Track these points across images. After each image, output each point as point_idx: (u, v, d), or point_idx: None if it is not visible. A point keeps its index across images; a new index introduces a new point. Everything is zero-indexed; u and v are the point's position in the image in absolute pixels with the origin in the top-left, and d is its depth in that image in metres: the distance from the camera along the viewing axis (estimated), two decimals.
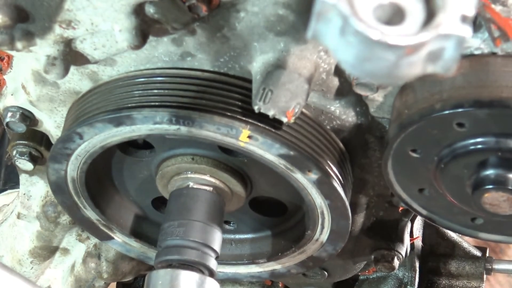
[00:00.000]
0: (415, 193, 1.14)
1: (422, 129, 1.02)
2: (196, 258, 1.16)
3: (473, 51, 1.01)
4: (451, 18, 0.62)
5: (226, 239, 1.33)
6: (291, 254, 1.31)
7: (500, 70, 0.99)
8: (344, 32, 0.61)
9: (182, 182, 1.22)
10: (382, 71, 0.63)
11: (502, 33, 0.97)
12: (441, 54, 0.63)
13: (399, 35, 0.61)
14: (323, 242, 1.26)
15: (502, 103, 0.96)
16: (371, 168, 1.25)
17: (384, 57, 0.61)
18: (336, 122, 1.17)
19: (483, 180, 1.04)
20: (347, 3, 0.61)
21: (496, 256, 2.35)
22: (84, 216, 1.33)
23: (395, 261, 1.40)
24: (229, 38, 1.09)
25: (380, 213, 1.35)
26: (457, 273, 1.67)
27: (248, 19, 1.05)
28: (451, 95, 0.98)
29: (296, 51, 1.06)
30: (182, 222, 1.18)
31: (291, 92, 1.06)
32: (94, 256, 1.53)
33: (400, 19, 0.63)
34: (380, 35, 0.60)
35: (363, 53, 0.61)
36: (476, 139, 1.01)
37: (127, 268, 1.55)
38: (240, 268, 1.38)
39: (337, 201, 1.16)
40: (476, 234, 1.19)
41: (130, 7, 1.02)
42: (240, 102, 1.10)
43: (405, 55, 0.61)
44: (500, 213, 1.07)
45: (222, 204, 1.23)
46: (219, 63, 1.13)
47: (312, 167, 1.11)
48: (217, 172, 1.21)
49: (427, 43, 0.62)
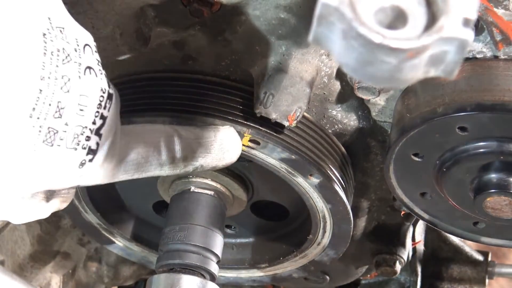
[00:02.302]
0: (417, 197, 1.14)
1: (424, 133, 1.02)
2: (198, 262, 1.16)
3: (475, 54, 1.00)
4: (453, 21, 0.62)
5: (227, 243, 1.33)
6: (293, 258, 1.31)
7: (502, 74, 0.98)
8: (346, 36, 0.61)
9: (183, 186, 1.22)
10: (384, 74, 0.63)
11: (504, 36, 0.97)
12: (443, 57, 0.63)
13: (401, 39, 0.61)
14: (324, 246, 1.25)
15: (504, 107, 0.95)
16: (373, 172, 1.24)
17: (386, 61, 0.61)
18: (338, 126, 1.17)
19: (485, 184, 1.04)
20: (349, 7, 0.60)
21: (498, 260, 2.34)
22: (85, 220, 1.33)
23: (397, 265, 1.40)
24: (231, 41, 1.09)
25: (382, 217, 1.35)
26: (459, 278, 1.67)
27: (249, 22, 1.05)
28: (453, 99, 0.98)
29: (297, 55, 1.06)
30: (183, 226, 1.18)
31: (293, 96, 1.06)
32: (95, 260, 1.53)
33: (402, 22, 0.63)
34: (382, 39, 0.60)
35: (365, 56, 0.61)
36: (478, 143, 1.01)
37: (128, 272, 1.55)
38: (242, 272, 1.38)
39: (339, 205, 1.16)
40: (478, 238, 1.19)
41: (131, 10, 1.02)
42: (241, 106, 1.09)
43: (407, 59, 0.61)
44: (502, 217, 1.07)
45: (223, 208, 1.23)
46: (220, 66, 1.13)
47: (313, 171, 1.11)
48: (218, 176, 1.21)
49: (429, 46, 0.61)
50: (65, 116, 0.80)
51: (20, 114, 0.76)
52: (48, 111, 0.78)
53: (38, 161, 0.80)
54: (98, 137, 0.84)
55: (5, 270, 0.95)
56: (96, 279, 1.54)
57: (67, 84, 0.79)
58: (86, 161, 0.84)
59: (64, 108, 0.79)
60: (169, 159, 0.99)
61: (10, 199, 0.86)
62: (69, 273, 1.54)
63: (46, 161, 0.81)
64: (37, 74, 0.76)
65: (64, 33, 0.80)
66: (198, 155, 1.02)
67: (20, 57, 0.75)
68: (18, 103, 0.76)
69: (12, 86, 0.75)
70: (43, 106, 0.77)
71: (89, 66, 0.82)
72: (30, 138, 0.78)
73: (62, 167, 0.83)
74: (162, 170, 0.99)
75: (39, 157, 0.80)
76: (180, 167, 1.01)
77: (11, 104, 0.75)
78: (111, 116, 0.86)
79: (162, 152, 0.98)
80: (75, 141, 0.82)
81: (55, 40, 0.78)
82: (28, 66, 0.76)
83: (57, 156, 0.81)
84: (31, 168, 0.81)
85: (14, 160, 0.79)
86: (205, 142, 1.03)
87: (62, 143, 0.81)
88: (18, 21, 0.75)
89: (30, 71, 0.76)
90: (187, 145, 1.01)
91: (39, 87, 0.76)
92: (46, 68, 0.77)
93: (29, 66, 0.76)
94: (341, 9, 0.61)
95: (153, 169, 0.97)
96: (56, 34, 0.78)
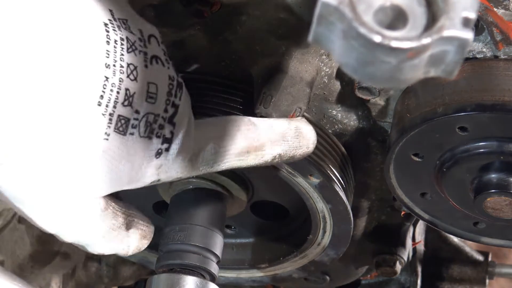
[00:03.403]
0: (417, 197, 1.14)
1: (424, 133, 1.02)
2: (197, 262, 1.15)
3: (475, 54, 1.00)
4: (454, 21, 0.62)
5: (227, 244, 1.33)
6: (293, 259, 1.31)
7: (503, 74, 0.98)
8: (346, 36, 0.61)
9: (183, 186, 1.22)
10: (384, 74, 0.62)
11: (504, 36, 0.97)
12: (444, 57, 0.63)
13: (401, 39, 0.61)
14: (325, 247, 1.25)
15: (504, 107, 0.95)
16: (373, 172, 1.24)
17: (386, 61, 0.61)
18: (338, 126, 1.17)
19: (485, 184, 1.04)
20: (349, 6, 0.60)
21: (499, 261, 2.34)
22: None
23: (397, 265, 1.40)
24: (231, 41, 1.09)
25: (382, 218, 1.35)
26: (460, 278, 1.67)
27: (249, 22, 1.05)
28: (454, 99, 0.98)
29: (297, 55, 1.06)
30: (183, 226, 1.18)
31: (293, 96, 1.06)
32: (95, 261, 1.53)
33: (402, 22, 0.63)
34: (382, 39, 0.60)
35: (365, 56, 0.61)
36: (478, 143, 1.01)
37: (127, 272, 1.55)
38: (242, 272, 1.37)
39: (339, 205, 1.16)
40: (478, 238, 1.19)
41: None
42: (241, 106, 1.09)
43: (407, 59, 0.61)
44: (502, 217, 1.06)
45: (223, 208, 1.23)
46: (220, 66, 1.12)
47: (313, 171, 1.11)
48: (218, 176, 1.21)
49: (429, 46, 0.61)
50: (135, 103, 0.79)
51: (88, 102, 0.75)
52: (117, 99, 0.77)
53: (112, 152, 0.79)
54: (172, 125, 0.83)
55: (5, 270, 0.95)
56: (96, 279, 1.54)
57: (134, 72, 0.78)
58: (162, 150, 0.83)
59: (133, 95, 0.78)
60: (246, 147, 0.95)
61: (88, 206, 0.83)
62: (69, 273, 1.54)
63: (120, 151, 0.79)
64: (102, 61, 0.76)
65: (127, 24, 0.80)
66: (275, 144, 0.99)
67: (84, 45, 0.75)
68: (85, 91, 0.75)
69: (78, 74, 0.74)
70: (111, 94, 0.77)
71: (156, 55, 0.82)
72: (101, 127, 0.77)
73: (138, 157, 0.81)
74: (242, 160, 0.95)
75: (113, 147, 0.79)
76: (259, 156, 0.97)
77: (78, 93, 0.75)
78: (182, 105, 0.85)
79: (239, 140, 0.95)
80: (148, 130, 0.81)
81: (117, 30, 0.78)
82: (92, 54, 0.76)
83: (132, 145, 0.80)
84: (105, 160, 0.79)
85: (87, 152, 0.77)
86: (280, 130, 1.00)
87: (135, 131, 0.80)
88: (80, 11, 0.76)
89: (94, 59, 0.76)
90: (263, 133, 0.98)
91: (105, 74, 0.76)
92: (110, 56, 0.77)
93: (93, 54, 0.76)
94: (341, 9, 0.61)
95: (232, 159, 0.94)
96: (119, 25, 0.78)
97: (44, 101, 0.74)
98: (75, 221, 0.85)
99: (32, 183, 0.78)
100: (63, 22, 0.74)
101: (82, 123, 0.76)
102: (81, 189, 0.81)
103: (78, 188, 0.81)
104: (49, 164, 0.77)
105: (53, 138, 0.75)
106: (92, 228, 0.87)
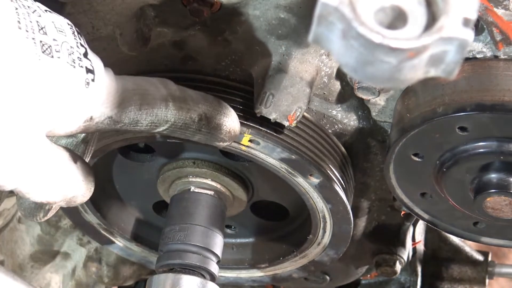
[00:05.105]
0: (417, 197, 1.14)
1: (424, 133, 1.02)
2: (198, 262, 1.16)
3: (475, 54, 1.00)
4: (453, 21, 0.62)
5: (227, 244, 1.33)
6: (293, 259, 1.31)
7: (502, 74, 0.98)
8: (346, 36, 0.61)
9: (183, 186, 1.22)
10: (384, 74, 0.62)
11: (504, 36, 0.97)
12: (443, 57, 0.63)
13: (401, 39, 0.61)
14: (325, 246, 1.25)
15: (504, 107, 0.95)
16: (373, 172, 1.24)
17: (386, 61, 0.61)
18: (338, 126, 1.17)
19: (485, 184, 1.04)
20: (349, 6, 0.60)
21: (498, 260, 2.34)
22: (85, 220, 1.33)
23: (397, 265, 1.40)
24: (231, 41, 1.09)
25: (382, 217, 1.35)
26: (459, 278, 1.67)
27: (249, 22, 1.05)
28: (453, 99, 0.98)
29: (297, 55, 1.06)
30: (183, 226, 1.18)
31: (293, 96, 1.06)
32: (95, 261, 1.53)
33: (402, 22, 0.63)
34: (382, 39, 0.60)
35: (365, 56, 0.61)
36: (478, 143, 1.01)
37: (128, 272, 1.55)
38: (242, 272, 1.37)
39: (339, 205, 1.16)
40: (478, 238, 1.19)
41: (131, 10, 1.02)
42: (241, 106, 1.09)
43: (407, 59, 0.61)
44: (502, 217, 1.06)
45: (223, 208, 1.23)
46: (220, 66, 1.13)
47: (313, 171, 1.11)
48: (218, 176, 1.21)
49: (429, 46, 0.61)
50: (49, 33, 0.82)
51: (8, 25, 0.78)
52: (33, 27, 0.80)
53: (47, 74, 0.80)
54: (89, 61, 0.86)
55: (5, 270, 0.94)
56: (96, 279, 1.54)
57: (35, 12, 0.82)
58: (89, 80, 0.85)
59: (44, 27, 0.82)
60: (169, 95, 0.95)
61: (28, 141, 0.82)
62: (69, 273, 1.54)
63: (53, 73, 0.81)
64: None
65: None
66: (198, 101, 0.99)
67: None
68: (2, 15, 0.77)
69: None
70: (26, 21, 0.80)
71: (47, 10, 0.85)
72: (30, 48, 0.79)
73: (70, 84, 0.83)
74: (168, 109, 0.94)
75: (46, 69, 0.80)
76: (184, 109, 0.96)
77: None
78: (90, 50, 0.87)
79: (160, 87, 0.96)
80: (70, 58, 0.83)
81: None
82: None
83: (61, 69, 0.82)
84: (43, 82, 0.81)
85: (26, 72, 0.79)
86: (202, 94, 1.01)
87: (61, 55, 0.82)
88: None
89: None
90: (184, 90, 0.98)
91: (14, 6, 0.79)
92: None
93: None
94: (341, 9, 0.61)
95: (158, 104, 0.94)
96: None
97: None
98: (14, 160, 0.82)
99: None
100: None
101: (12, 45, 0.78)
102: (23, 119, 0.81)
103: (20, 117, 0.81)
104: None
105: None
106: (32, 165, 0.84)
